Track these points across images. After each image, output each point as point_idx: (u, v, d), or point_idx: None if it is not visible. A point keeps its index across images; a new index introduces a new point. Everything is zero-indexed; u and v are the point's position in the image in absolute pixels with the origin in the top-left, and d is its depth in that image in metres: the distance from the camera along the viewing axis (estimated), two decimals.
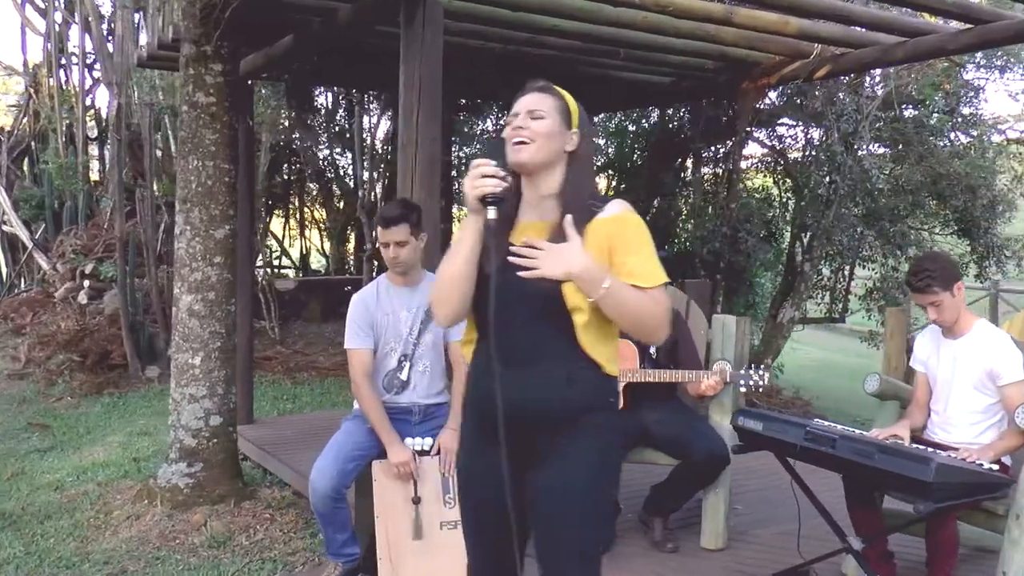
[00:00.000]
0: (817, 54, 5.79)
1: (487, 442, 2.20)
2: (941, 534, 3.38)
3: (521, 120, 2.24)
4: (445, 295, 2.23)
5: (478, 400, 2.29)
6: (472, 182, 2.11)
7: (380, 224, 3.69)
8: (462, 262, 2.18)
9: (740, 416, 3.64)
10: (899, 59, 5.42)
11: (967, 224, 9.91)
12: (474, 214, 2.16)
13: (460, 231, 2.23)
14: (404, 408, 3.78)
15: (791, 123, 10.32)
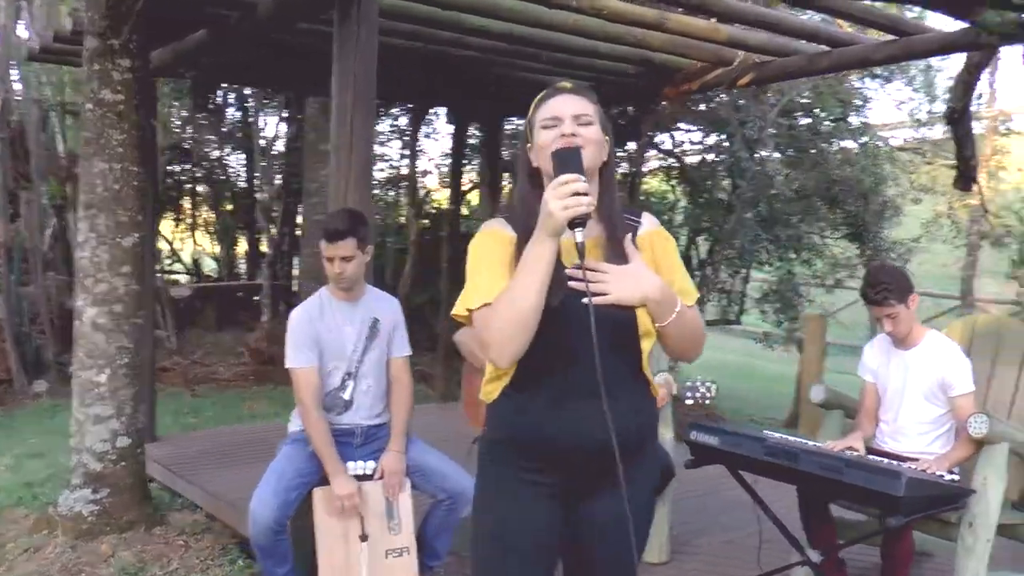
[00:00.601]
0: (740, 61, 5.79)
1: (527, 484, 2.08)
2: (899, 545, 3.39)
3: (570, 126, 2.02)
4: (515, 333, 1.92)
5: (517, 442, 2.07)
6: (563, 201, 1.82)
7: (324, 238, 3.46)
8: (537, 294, 1.89)
9: (694, 431, 3.56)
10: (824, 68, 5.48)
11: (858, 228, 10.23)
12: (551, 237, 1.87)
13: (529, 258, 1.90)
14: (346, 430, 3.56)
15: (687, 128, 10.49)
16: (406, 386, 3.66)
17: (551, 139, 2.01)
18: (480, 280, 2.03)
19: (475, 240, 2.12)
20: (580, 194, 1.82)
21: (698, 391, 3.97)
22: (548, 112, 2.06)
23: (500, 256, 2.05)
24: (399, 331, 3.67)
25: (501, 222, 2.15)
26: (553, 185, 1.84)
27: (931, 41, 5.00)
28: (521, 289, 1.89)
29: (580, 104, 2.06)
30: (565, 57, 5.95)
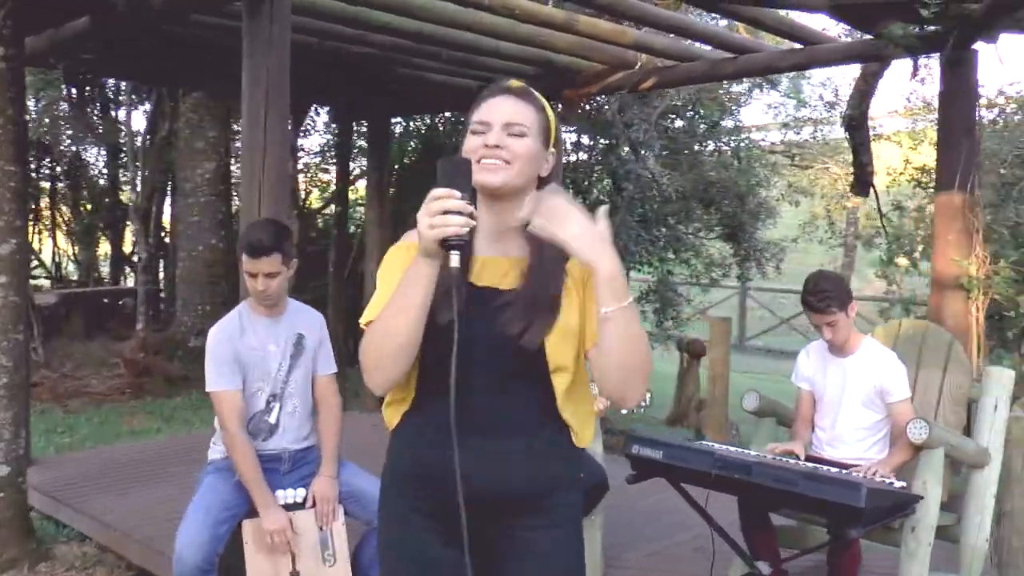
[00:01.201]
0: (642, 65, 5.78)
1: (428, 529, 1.86)
2: (847, 553, 3.40)
3: (496, 136, 1.79)
4: (390, 360, 1.74)
5: (419, 478, 1.85)
6: (430, 219, 1.60)
7: (247, 252, 3.19)
8: (414, 319, 1.69)
9: (636, 444, 3.47)
10: (729, 74, 5.52)
11: (734, 229, 10.48)
12: (429, 258, 1.65)
13: (405, 278, 1.71)
14: (273, 455, 3.30)
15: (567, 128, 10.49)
16: (334, 406, 3.44)
17: (475, 147, 1.80)
18: (377, 295, 1.83)
19: (389, 251, 1.92)
20: (454, 212, 1.59)
21: None
22: (480, 114, 1.84)
23: (400, 270, 1.79)
24: (324, 347, 3.44)
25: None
26: (427, 200, 1.62)
27: (835, 51, 5.11)
28: (391, 313, 1.71)
29: (516, 110, 1.82)
30: (465, 56, 5.82)
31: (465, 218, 1.61)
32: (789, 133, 11.54)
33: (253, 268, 3.18)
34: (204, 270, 8.39)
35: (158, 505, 4.59)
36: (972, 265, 4.52)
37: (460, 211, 1.60)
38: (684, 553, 4.31)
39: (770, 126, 11.58)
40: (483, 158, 1.78)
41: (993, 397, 3.58)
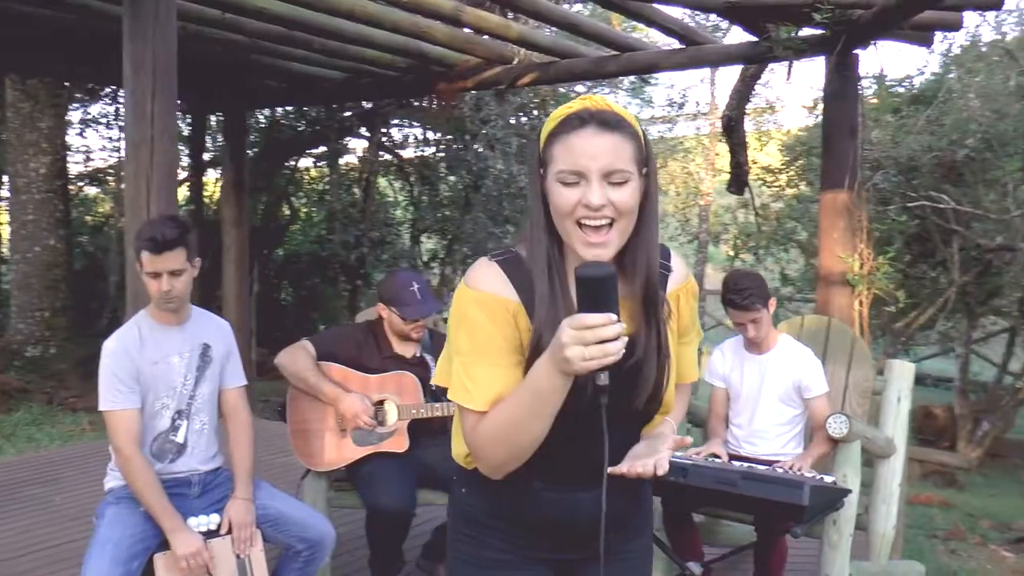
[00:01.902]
0: (520, 60, 5.69)
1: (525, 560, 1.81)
2: (775, 549, 3.42)
3: (597, 194, 1.51)
4: (520, 457, 1.62)
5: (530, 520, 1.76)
6: (585, 349, 1.40)
7: (148, 248, 2.86)
8: (541, 431, 1.56)
9: None
10: (612, 72, 5.51)
11: None
12: (565, 376, 1.48)
13: (538, 386, 1.52)
14: (181, 479, 2.99)
15: (410, 124, 10.32)
16: (245, 421, 3.16)
17: (571, 205, 1.53)
18: (472, 368, 1.62)
19: (461, 301, 1.65)
20: (608, 340, 1.40)
21: None
22: (568, 160, 1.54)
23: (499, 335, 1.62)
24: (233, 357, 3.16)
25: (496, 273, 1.65)
26: (576, 323, 1.41)
27: (720, 52, 5.18)
28: (529, 417, 1.55)
29: (615, 150, 1.53)
30: (338, 46, 5.54)
31: (621, 342, 1.42)
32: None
33: (156, 266, 2.85)
34: (42, 273, 7.68)
35: (17, 538, 4.13)
36: (856, 261, 4.67)
37: (617, 336, 1.41)
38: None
39: None
40: (583, 220, 1.53)
41: (896, 389, 3.69)
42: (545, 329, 1.56)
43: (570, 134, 1.54)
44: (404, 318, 3.69)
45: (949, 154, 6.98)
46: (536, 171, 1.63)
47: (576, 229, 1.53)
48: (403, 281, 3.76)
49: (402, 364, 3.74)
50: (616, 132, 1.54)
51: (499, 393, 1.59)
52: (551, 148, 1.57)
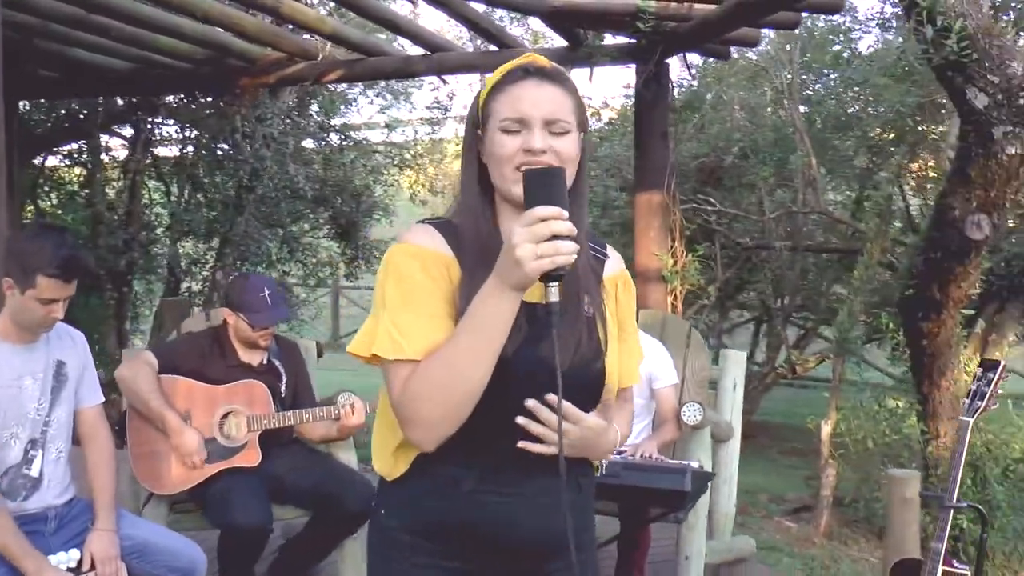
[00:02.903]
0: (325, 56, 5.52)
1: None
2: (641, 538, 3.54)
3: (539, 139, 1.51)
4: (459, 409, 1.46)
5: (453, 530, 1.58)
6: (536, 246, 1.33)
7: (57, 276, 2.48)
8: (489, 365, 1.44)
9: None
10: (421, 71, 5.47)
11: (346, 228, 10.42)
12: (515, 290, 1.40)
13: (480, 317, 1.43)
14: (35, 515, 2.66)
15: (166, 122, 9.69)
16: (105, 444, 2.85)
17: (512, 150, 1.52)
18: (402, 318, 1.50)
19: (393, 256, 1.57)
20: (563, 237, 1.35)
21: None
22: (512, 107, 1.54)
23: (432, 286, 1.53)
24: (89, 373, 2.84)
25: (430, 232, 1.60)
26: (525, 219, 1.35)
27: (552, 53, 5.27)
28: (469, 358, 1.43)
29: (557, 100, 1.55)
30: (132, 32, 5.11)
31: (574, 244, 1.36)
32: (397, 134, 11.70)
33: (59, 293, 2.50)
34: None
35: None
36: (670, 258, 4.94)
37: (569, 234, 1.35)
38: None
39: (375, 125, 11.67)
40: (524, 165, 1.50)
41: (731, 377, 3.95)
42: (472, 284, 1.49)
43: (513, 84, 1.56)
44: (253, 325, 3.47)
45: (715, 160, 7.53)
46: (472, 132, 1.62)
47: (512, 175, 1.52)
48: (253, 285, 3.55)
49: (250, 372, 3.54)
50: (558, 85, 1.57)
51: (433, 342, 1.47)
52: (493, 101, 1.57)
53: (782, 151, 8.59)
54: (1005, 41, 3.86)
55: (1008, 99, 3.81)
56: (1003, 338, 5.66)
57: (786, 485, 7.45)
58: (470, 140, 1.63)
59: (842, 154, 9.38)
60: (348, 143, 10.41)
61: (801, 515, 6.50)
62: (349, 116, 10.75)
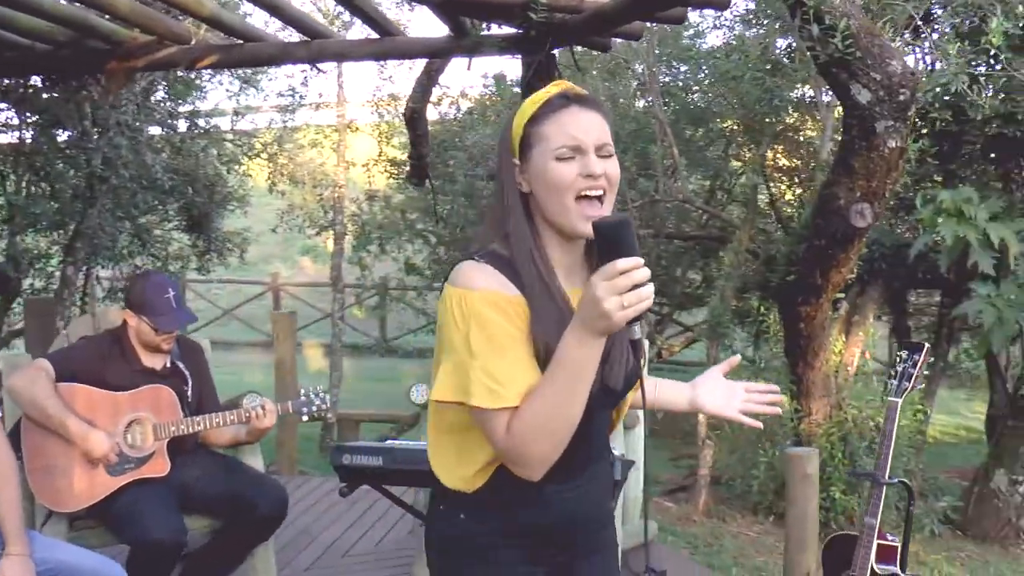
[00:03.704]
0: (198, 41, 5.26)
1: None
2: None
3: (596, 164, 1.57)
4: (559, 449, 1.55)
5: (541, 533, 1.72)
6: (622, 298, 1.39)
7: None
8: (584, 399, 1.51)
9: (346, 454, 3.25)
10: (300, 58, 5.29)
11: (199, 219, 10.04)
12: (603, 337, 1.46)
13: (571, 362, 1.48)
14: None
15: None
16: (6, 461, 2.62)
17: (572, 177, 1.57)
18: (495, 367, 1.53)
19: (468, 304, 1.57)
20: (640, 285, 1.41)
21: (313, 404, 3.60)
22: (564, 135, 1.58)
23: (515, 331, 1.57)
24: None
25: (493, 274, 1.60)
26: (607, 273, 1.40)
27: (415, 44, 5.20)
28: (568, 399, 1.50)
29: (601, 125, 1.62)
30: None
31: (651, 287, 1.43)
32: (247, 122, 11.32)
33: None
34: None
35: None
36: None
37: (647, 280, 1.42)
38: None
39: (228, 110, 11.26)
40: (584, 191, 1.58)
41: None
42: (543, 321, 1.57)
43: (558, 112, 1.60)
44: (157, 329, 3.29)
45: None
46: (509, 163, 1.65)
47: (575, 204, 1.57)
48: (156, 286, 3.36)
49: (154, 377, 3.36)
50: (597, 110, 1.64)
51: (528, 385, 1.53)
52: (538, 128, 1.61)
53: (643, 141, 8.84)
54: (885, 41, 4.08)
55: (889, 95, 4.03)
56: (865, 319, 6.00)
57: (658, 467, 7.69)
58: (508, 171, 1.66)
59: (695, 144, 9.75)
60: (198, 131, 10.01)
61: (677, 495, 6.72)
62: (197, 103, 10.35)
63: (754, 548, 5.46)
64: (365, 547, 4.41)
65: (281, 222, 10.47)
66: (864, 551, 2.99)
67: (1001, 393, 6.21)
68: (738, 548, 5.44)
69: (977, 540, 5.72)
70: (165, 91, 9.17)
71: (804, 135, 9.24)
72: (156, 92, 8.95)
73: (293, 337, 5.64)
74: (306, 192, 10.35)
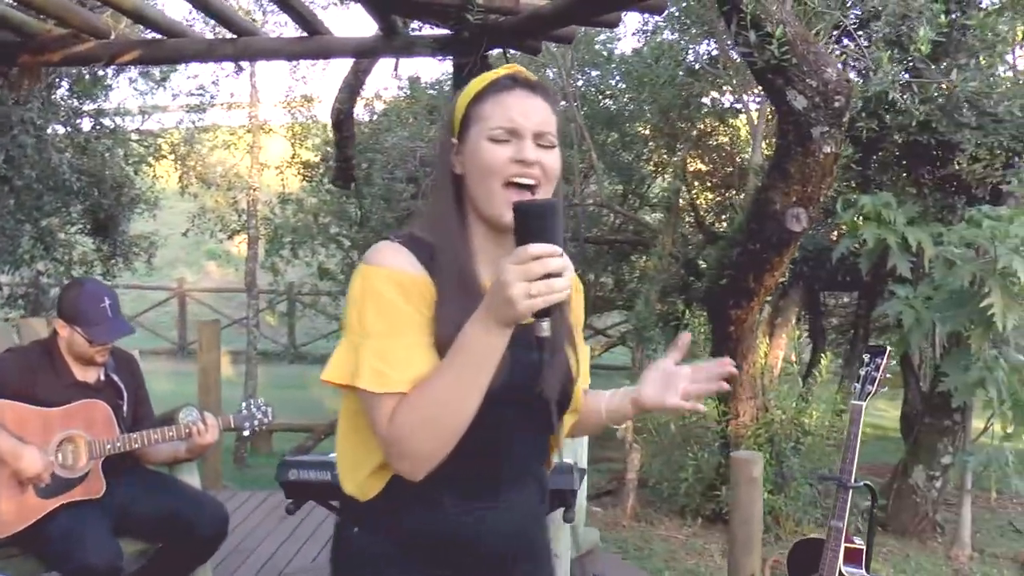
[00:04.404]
0: (118, 35, 5.05)
1: None
2: None
3: (531, 150, 1.47)
4: (446, 446, 1.41)
5: (440, 546, 1.55)
6: (530, 285, 1.27)
7: None
8: (479, 398, 1.38)
9: (293, 469, 3.15)
10: (227, 55, 5.14)
11: (105, 222, 9.68)
12: (508, 327, 1.34)
13: (469, 351, 1.36)
14: None
15: None
16: None
17: (503, 161, 1.47)
18: (386, 348, 1.43)
19: (370, 280, 1.47)
20: (556, 275, 1.28)
21: (255, 417, 3.46)
22: (502, 117, 1.49)
23: (414, 312, 1.46)
24: None
25: (402, 252, 1.50)
26: (518, 257, 1.28)
27: (345, 43, 5.10)
28: (459, 393, 1.38)
29: (545, 113, 1.52)
30: None
31: (567, 280, 1.30)
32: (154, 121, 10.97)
33: None
34: None
35: None
36: None
37: (562, 271, 1.29)
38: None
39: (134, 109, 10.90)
40: (514, 178, 1.47)
41: None
42: (449, 306, 1.45)
43: (501, 93, 1.51)
44: (92, 340, 3.11)
45: None
46: (447, 142, 1.56)
47: (501, 190, 1.47)
48: (90, 295, 3.18)
49: (87, 391, 3.18)
50: (545, 98, 1.54)
51: (420, 372, 1.41)
52: (479, 107, 1.52)
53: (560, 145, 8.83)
54: (820, 48, 4.16)
55: (825, 102, 4.11)
56: (787, 321, 6.12)
57: None
58: (445, 150, 1.56)
59: (609, 149, 9.82)
60: (103, 130, 9.64)
61: (603, 500, 6.73)
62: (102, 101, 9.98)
63: (684, 551, 5.50)
64: (302, 563, 4.28)
65: (192, 225, 10.14)
66: (832, 554, 3.03)
67: (915, 391, 6.41)
68: (668, 552, 5.46)
69: (897, 535, 5.87)
70: (69, 88, 8.85)
71: (718, 140, 9.42)
72: (59, 88, 8.61)
73: (218, 346, 5.43)
74: (218, 194, 10.05)
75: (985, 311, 4.40)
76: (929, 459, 5.85)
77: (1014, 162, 5.22)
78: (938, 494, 5.88)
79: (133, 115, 10.70)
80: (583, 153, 8.37)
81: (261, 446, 9.20)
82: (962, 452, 5.35)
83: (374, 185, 8.88)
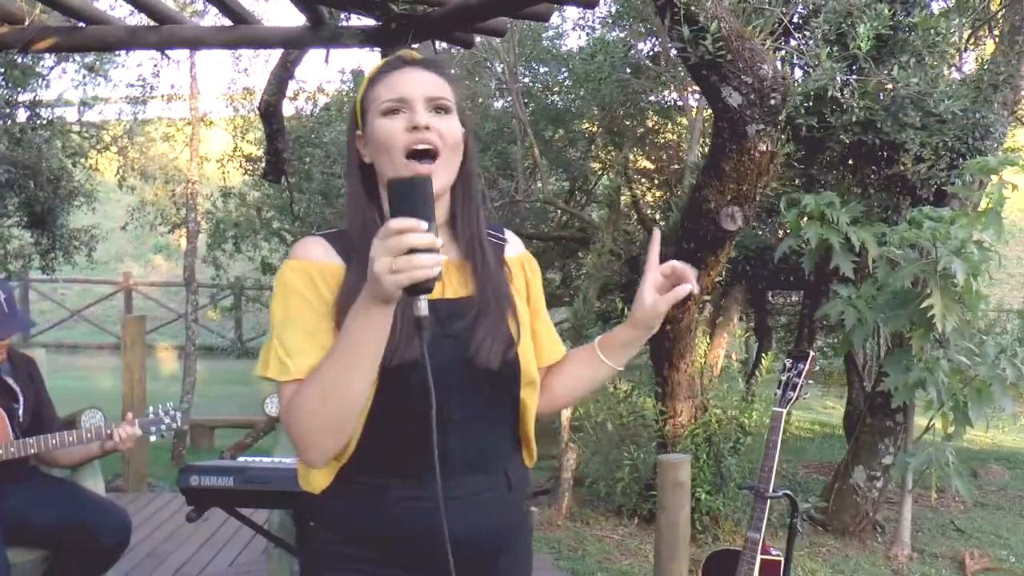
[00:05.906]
0: (33, 21, 4.83)
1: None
2: None
3: (423, 115, 1.47)
4: (343, 426, 1.40)
5: (388, 540, 1.50)
6: (392, 260, 1.23)
7: None
8: (370, 377, 1.36)
9: (194, 475, 3.00)
10: (150, 44, 4.92)
11: (43, 215, 9.44)
12: (386, 305, 1.30)
13: (353, 331, 1.33)
14: None
15: None
16: None
17: (397, 132, 1.47)
18: (287, 337, 1.45)
19: (283, 273, 1.50)
20: (422, 250, 1.24)
21: (163, 422, 3.31)
22: (390, 91, 1.49)
23: (316, 300, 1.46)
24: None
25: (322, 244, 1.53)
26: (382, 232, 1.25)
27: (271, 33, 4.96)
28: (343, 375, 1.35)
29: (437, 82, 1.52)
30: None
31: (435, 256, 1.25)
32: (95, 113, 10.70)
33: None
34: None
35: None
36: None
37: (429, 247, 1.24)
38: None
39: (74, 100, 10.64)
40: (412, 145, 1.46)
41: None
42: (350, 293, 1.42)
43: (390, 73, 1.53)
44: None
45: None
46: (352, 133, 1.58)
47: (405, 162, 1.47)
48: None
49: None
50: (435, 71, 1.55)
51: (318, 359, 1.41)
52: (372, 91, 1.53)
53: (503, 141, 8.75)
54: (756, 44, 4.08)
55: (760, 99, 4.03)
56: (729, 321, 6.06)
57: None
58: (350, 140, 1.59)
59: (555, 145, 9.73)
60: (40, 121, 9.38)
61: (539, 499, 6.63)
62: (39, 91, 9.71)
63: (619, 551, 5.42)
64: (217, 569, 4.14)
65: (132, 219, 9.90)
66: (747, 567, 2.93)
67: (859, 391, 6.38)
68: (603, 552, 5.38)
69: (837, 535, 5.84)
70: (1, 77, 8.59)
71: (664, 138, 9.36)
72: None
73: (143, 343, 5.26)
74: (158, 188, 9.82)
75: (926, 312, 4.36)
76: (870, 459, 5.81)
77: (958, 163, 5.19)
78: (879, 494, 5.85)
79: (73, 106, 10.45)
80: (526, 150, 8.27)
81: (202, 443, 9.02)
82: (903, 452, 5.32)
83: (313, 180, 8.73)
